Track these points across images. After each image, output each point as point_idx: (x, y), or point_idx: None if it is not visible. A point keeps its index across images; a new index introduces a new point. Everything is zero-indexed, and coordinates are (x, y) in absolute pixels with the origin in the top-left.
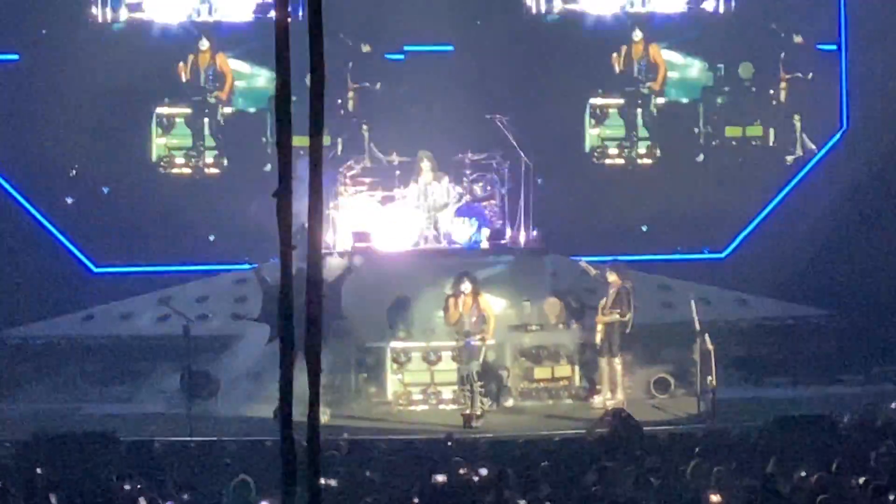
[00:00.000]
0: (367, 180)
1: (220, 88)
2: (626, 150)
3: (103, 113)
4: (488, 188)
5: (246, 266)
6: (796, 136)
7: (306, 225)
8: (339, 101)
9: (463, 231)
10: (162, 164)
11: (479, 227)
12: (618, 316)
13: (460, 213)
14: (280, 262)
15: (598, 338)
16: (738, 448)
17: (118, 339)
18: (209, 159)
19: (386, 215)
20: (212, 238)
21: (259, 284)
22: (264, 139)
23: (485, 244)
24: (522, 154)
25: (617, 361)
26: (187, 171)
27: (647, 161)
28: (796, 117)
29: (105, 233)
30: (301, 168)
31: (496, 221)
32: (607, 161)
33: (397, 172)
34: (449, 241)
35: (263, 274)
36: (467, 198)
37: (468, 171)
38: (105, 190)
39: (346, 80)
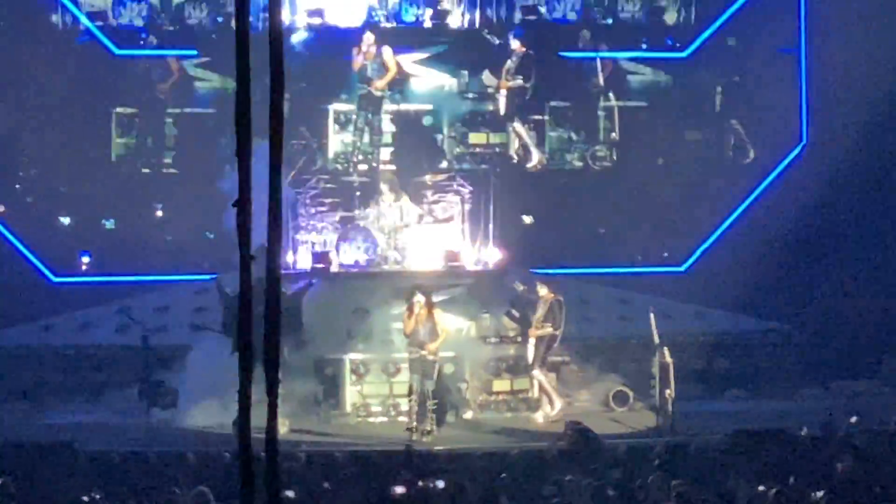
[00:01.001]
0: (327, 200)
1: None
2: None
3: (63, 115)
4: (447, 210)
5: (206, 277)
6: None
7: (265, 243)
8: None
9: (421, 252)
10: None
11: (438, 249)
12: (550, 329)
13: (418, 234)
14: (240, 273)
15: (531, 352)
16: (697, 461)
17: (77, 348)
18: (167, 159)
19: (345, 235)
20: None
21: (220, 296)
22: (223, 140)
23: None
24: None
25: (551, 374)
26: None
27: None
28: (734, 122)
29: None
30: (258, 174)
31: (456, 243)
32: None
33: (357, 193)
34: (408, 262)
35: (223, 285)
36: (425, 218)
37: (429, 193)
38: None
39: None
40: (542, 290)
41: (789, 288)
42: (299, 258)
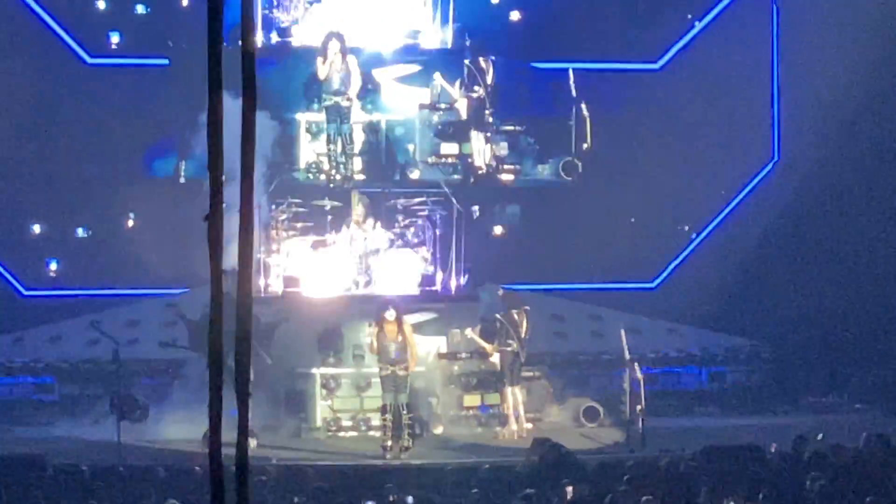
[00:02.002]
0: (299, 225)
1: None
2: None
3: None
4: (420, 234)
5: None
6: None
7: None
8: None
9: (393, 277)
10: None
11: (410, 274)
12: (515, 345)
13: (390, 259)
14: (211, 288)
15: (499, 367)
16: (667, 477)
17: (47, 361)
18: None
19: (317, 260)
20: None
21: (182, 319)
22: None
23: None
24: (454, 200)
25: (517, 390)
26: None
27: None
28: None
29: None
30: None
31: (427, 267)
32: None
33: (329, 217)
34: (380, 287)
35: (182, 310)
36: (397, 243)
37: (400, 217)
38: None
39: None
40: (509, 306)
41: (759, 305)
42: (271, 282)
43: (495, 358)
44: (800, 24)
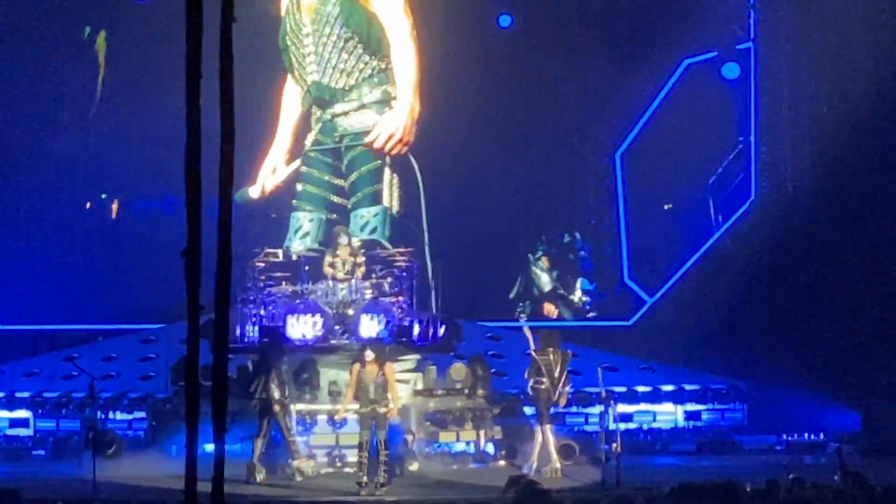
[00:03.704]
0: (276, 275)
1: None
2: None
3: None
4: (396, 285)
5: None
6: None
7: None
8: None
9: (370, 327)
10: None
11: (388, 324)
12: (547, 383)
13: (367, 309)
14: (188, 323)
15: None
16: None
17: (23, 396)
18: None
19: (294, 310)
20: None
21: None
22: None
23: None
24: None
25: (548, 429)
26: None
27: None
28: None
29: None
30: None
31: (404, 318)
32: None
33: (306, 268)
34: (357, 337)
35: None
36: (374, 293)
37: (378, 267)
38: None
39: None
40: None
41: (734, 343)
42: (247, 331)
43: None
44: (775, 70)
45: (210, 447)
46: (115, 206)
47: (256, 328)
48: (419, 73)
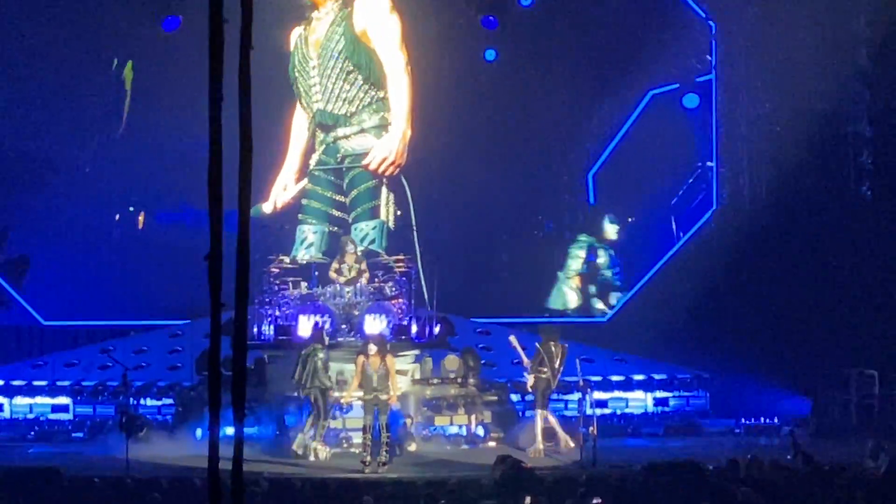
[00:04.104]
0: (289, 279)
1: None
2: None
3: None
4: (395, 288)
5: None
6: None
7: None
8: None
9: (373, 326)
10: None
11: (389, 323)
12: (548, 373)
13: (370, 310)
14: (210, 321)
15: (531, 390)
16: (617, 490)
17: (64, 385)
18: None
19: (305, 310)
20: None
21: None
22: None
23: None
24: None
25: (549, 414)
26: None
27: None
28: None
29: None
30: None
31: (403, 317)
32: None
33: (315, 273)
34: (362, 334)
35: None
36: (376, 296)
37: (380, 273)
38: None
39: None
40: (546, 339)
41: (697, 338)
42: (263, 329)
43: (530, 380)
44: (734, 93)
45: (230, 430)
46: (141, 218)
47: (272, 327)
48: (412, 102)
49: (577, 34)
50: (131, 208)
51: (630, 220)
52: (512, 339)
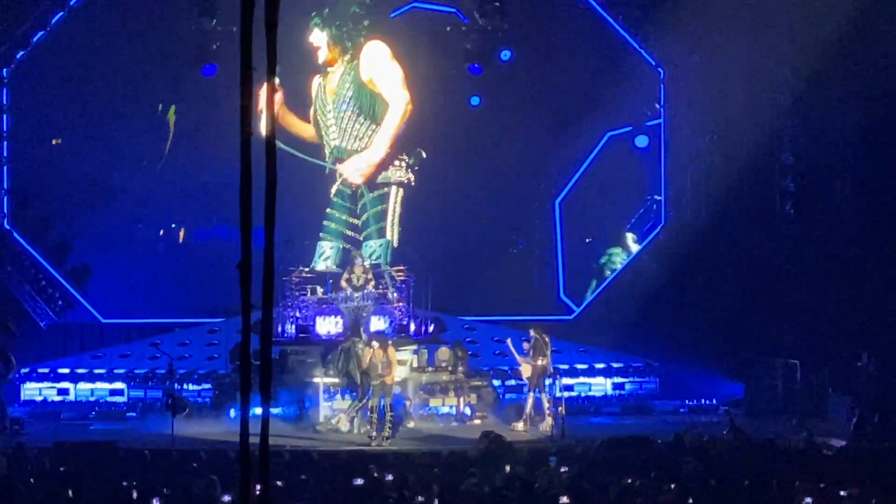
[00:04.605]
0: (307, 286)
1: None
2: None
3: None
4: (396, 294)
5: (218, 319)
6: None
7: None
8: None
9: (378, 326)
10: None
11: (391, 323)
12: (542, 361)
13: (376, 312)
14: (242, 319)
15: (527, 377)
16: (581, 460)
17: (119, 372)
18: None
19: (321, 312)
20: None
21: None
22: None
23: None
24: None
25: (544, 396)
26: None
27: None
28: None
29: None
30: None
31: (403, 318)
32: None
33: (330, 281)
34: (368, 333)
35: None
36: (381, 301)
37: (383, 281)
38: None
39: None
40: (532, 332)
41: (650, 332)
42: (286, 328)
43: (526, 370)
44: (680, 127)
45: (258, 411)
46: (181, 233)
47: (294, 326)
48: (398, 131)
49: (546, 84)
50: (173, 225)
51: (588, 240)
52: (508, 342)
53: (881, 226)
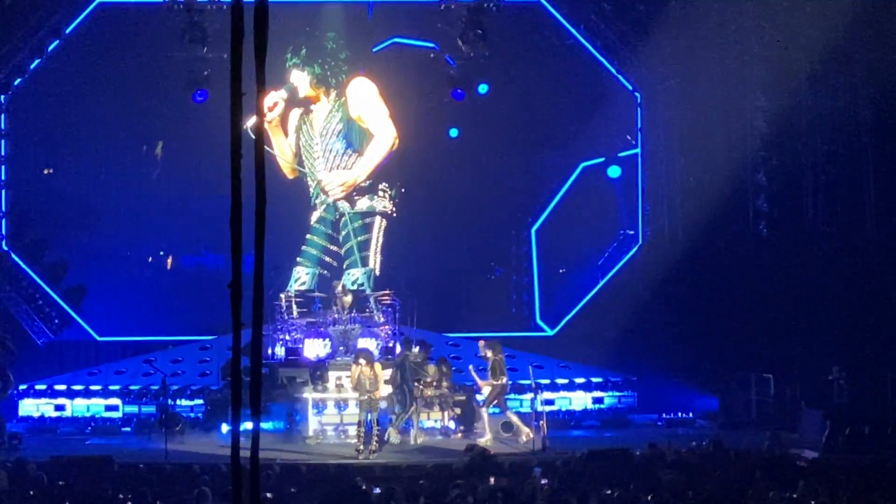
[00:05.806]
0: (296, 309)
1: None
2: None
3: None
4: (382, 317)
5: (209, 337)
6: None
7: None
8: None
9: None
10: None
11: (377, 345)
12: (501, 381)
13: (363, 335)
14: (232, 339)
15: (489, 395)
16: (563, 472)
17: (114, 388)
18: None
19: (310, 335)
20: None
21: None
22: None
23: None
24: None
25: (510, 413)
26: None
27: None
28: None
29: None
30: None
31: (389, 339)
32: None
33: (319, 306)
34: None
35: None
36: (368, 324)
37: (370, 305)
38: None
39: None
40: (488, 353)
41: (628, 348)
42: (276, 350)
43: (486, 389)
44: (656, 146)
45: (248, 425)
46: (169, 261)
47: (283, 348)
48: (381, 161)
49: (522, 117)
50: (161, 252)
51: (562, 271)
52: (470, 368)
53: (850, 245)
